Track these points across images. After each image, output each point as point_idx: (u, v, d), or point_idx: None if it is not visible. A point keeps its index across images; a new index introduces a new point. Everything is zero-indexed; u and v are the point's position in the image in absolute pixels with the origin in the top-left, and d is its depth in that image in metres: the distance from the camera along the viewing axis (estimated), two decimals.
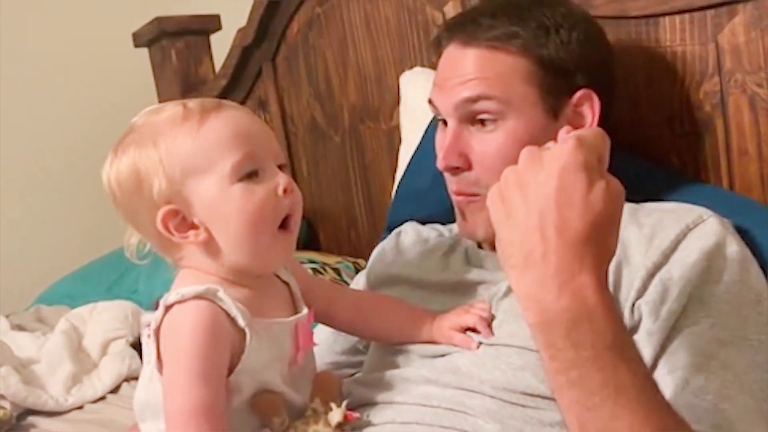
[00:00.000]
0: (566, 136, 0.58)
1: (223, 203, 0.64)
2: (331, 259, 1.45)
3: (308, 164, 1.62)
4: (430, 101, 0.83)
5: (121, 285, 1.61)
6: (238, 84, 1.69)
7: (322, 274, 1.38)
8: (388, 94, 1.38)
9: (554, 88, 0.77)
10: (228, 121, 0.65)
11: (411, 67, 1.28)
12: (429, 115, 1.18)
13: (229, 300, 0.62)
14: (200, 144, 0.63)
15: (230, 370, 0.63)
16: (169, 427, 0.62)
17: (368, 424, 0.69)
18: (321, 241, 1.64)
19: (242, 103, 1.71)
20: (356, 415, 0.67)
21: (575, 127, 0.76)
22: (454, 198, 0.83)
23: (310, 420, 0.65)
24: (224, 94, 1.70)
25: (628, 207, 0.58)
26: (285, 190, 0.65)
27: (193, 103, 0.66)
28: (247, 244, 0.65)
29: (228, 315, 0.62)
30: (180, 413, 0.61)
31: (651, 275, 0.69)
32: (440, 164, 0.81)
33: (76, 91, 2.19)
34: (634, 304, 0.68)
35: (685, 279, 0.68)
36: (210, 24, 1.76)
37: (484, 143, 0.78)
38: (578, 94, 0.78)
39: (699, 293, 0.68)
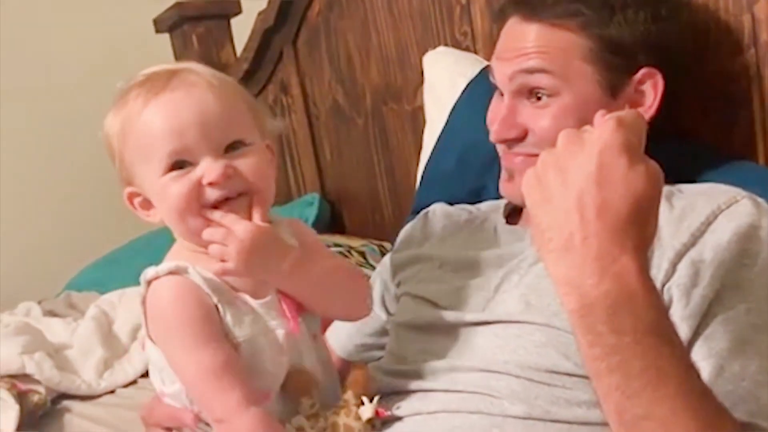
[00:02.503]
0: (605, 118, 0.57)
1: (155, 192, 0.66)
2: (356, 242, 1.44)
3: (331, 147, 1.61)
4: (490, 70, 0.83)
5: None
6: (260, 68, 1.68)
7: (347, 257, 1.37)
8: (411, 74, 1.36)
9: (614, 66, 0.76)
10: (165, 109, 0.64)
11: (434, 47, 1.26)
12: (453, 96, 1.17)
13: (199, 277, 0.64)
14: (141, 133, 0.65)
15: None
16: (194, 397, 0.64)
17: (397, 418, 0.68)
18: (346, 224, 1.63)
19: (264, 87, 1.70)
20: (387, 412, 0.67)
21: (635, 106, 0.75)
22: (506, 161, 0.82)
23: (341, 411, 0.65)
24: (246, 78, 1.69)
25: (663, 190, 0.57)
26: (211, 183, 0.64)
27: (148, 82, 0.66)
28: (179, 228, 0.67)
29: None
30: (193, 381, 0.63)
31: (680, 257, 0.67)
32: (494, 137, 0.81)
33: (99, 78, 2.19)
34: (663, 287, 0.67)
35: (717, 262, 0.66)
36: (230, 8, 1.75)
37: (539, 117, 0.77)
38: (641, 72, 0.77)
39: (733, 278, 0.66)
